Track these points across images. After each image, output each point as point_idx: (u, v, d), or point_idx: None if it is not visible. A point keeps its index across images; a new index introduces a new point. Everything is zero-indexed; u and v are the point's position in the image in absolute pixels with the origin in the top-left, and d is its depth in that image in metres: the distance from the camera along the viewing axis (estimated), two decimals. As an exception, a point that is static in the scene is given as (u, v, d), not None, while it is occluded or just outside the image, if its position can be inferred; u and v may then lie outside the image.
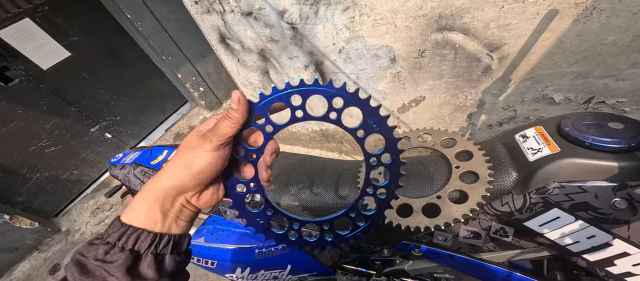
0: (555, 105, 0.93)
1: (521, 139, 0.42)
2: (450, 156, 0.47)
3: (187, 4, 1.23)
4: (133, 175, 0.67)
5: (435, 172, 0.47)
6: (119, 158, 0.74)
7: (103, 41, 2.14)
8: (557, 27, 0.74)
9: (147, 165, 0.67)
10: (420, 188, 0.47)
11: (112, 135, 2.38)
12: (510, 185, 0.40)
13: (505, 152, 0.42)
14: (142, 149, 0.75)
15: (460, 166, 0.44)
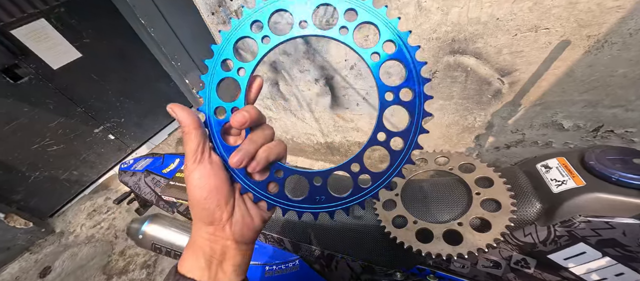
0: (564, 131, 0.94)
1: (543, 169, 0.42)
2: (470, 181, 0.47)
3: (204, 15, 1.26)
4: (144, 182, 0.66)
5: (454, 197, 0.47)
6: (130, 164, 0.74)
7: (114, 44, 2.17)
8: (568, 56, 0.76)
9: (158, 173, 0.67)
10: (439, 213, 0.46)
11: (115, 137, 2.38)
12: (533, 215, 0.39)
13: (527, 181, 0.42)
14: (153, 156, 0.74)
15: (480, 192, 0.44)
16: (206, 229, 0.29)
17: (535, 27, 0.74)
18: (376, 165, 1.62)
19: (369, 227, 0.51)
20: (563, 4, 0.67)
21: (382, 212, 0.49)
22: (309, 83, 1.32)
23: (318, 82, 1.28)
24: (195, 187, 0.28)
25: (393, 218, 0.47)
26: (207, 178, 0.28)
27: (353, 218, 0.53)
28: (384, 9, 0.26)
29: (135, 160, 0.75)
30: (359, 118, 1.37)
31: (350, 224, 0.53)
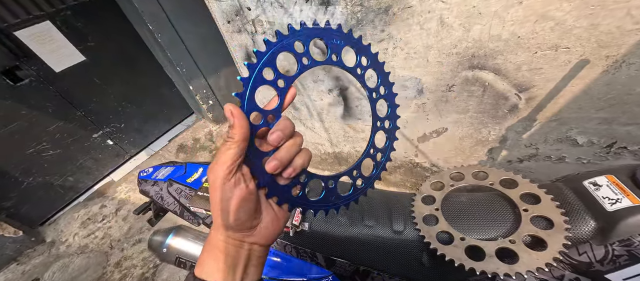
0: (578, 147, 0.96)
1: (592, 187, 0.42)
2: (514, 197, 0.47)
3: (219, 23, 1.26)
4: (167, 192, 0.64)
5: (499, 213, 0.47)
6: (149, 172, 0.71)
7: (118, 48, 2.14)
8: (586, 75, 0.78)
9: (182, 182, 0.64)
10: (485, 229, 0.46)
11: (113, 142, 2.32)
12: (587, 234, 0.39)
13: (576, 199, 0.42)
14: (174, 165, 0.72)
15: (528, 209, 0.44)
16: (233, 235, 0.29)
17: (555, 46, 0.76)
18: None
19: (409, 243, 0.50)
20: (585, 25, 0.70)
21: (424, 227, 0.48)
22: (322, 93, 1.32)
23: (332, 92, 1.29)
24: (227, 198, 0.28)
25: (437, 234, 0.46)
26: (240, 189, 0.28)
27: (392, 233, 0.52)
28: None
29: (155, 169, 0.73)
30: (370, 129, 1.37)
31: (389, 239, 0.51)
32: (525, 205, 0.45)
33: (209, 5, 1.22)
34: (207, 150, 2.49)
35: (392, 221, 0.53)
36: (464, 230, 0.46)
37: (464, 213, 0.49)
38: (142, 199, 2.12)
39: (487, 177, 0.52)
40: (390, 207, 0.56)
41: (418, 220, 0.50)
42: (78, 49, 1.88)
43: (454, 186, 0.54)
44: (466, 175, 0.55)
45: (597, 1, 0.66)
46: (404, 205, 0.56)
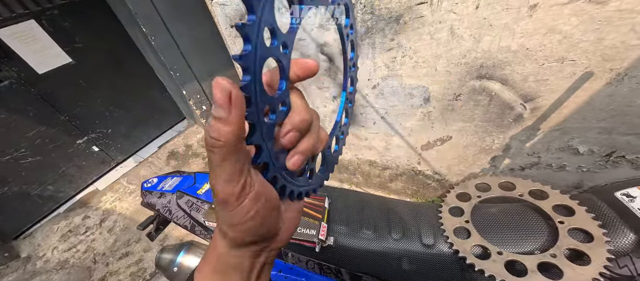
0: (579, 155, 0.99)
1: (626, 198, 0.42)
2: (547, 209, 0.46)
3: (221, 27, 1.23)
4: (175, 205, 0.59)
5: (532, 225, 0.46)
6: (154, 183, 0.66)
7: (108, 50, 2.05)
8: (590, 87, 0.81)
9: (193, 194, 0.60)
10: (521, 242, 0.45)
11: (99, 148, 2.19)
12: (627, 246, 0.39)
13: (611, 210, 0.42)
14: (181, 175, 0.67)
15: (564, 221, 0.43)
16: (250, 248, 0.25)
17: (562, 59, 0.78)
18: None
19: (441, 257, 0.48)
20: (591, 39, 0.72)
21: (456, 241, 0.47)
22: (326, 100, 1.31)
23: (336, 99, 1.27)
24: (246, 219, 0.22)
25: (471, 248, 0.45)
26: (262, 203, 0.22)
27: (422, 247, 0.50)
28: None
29: (160, 179, 0.68)
30: (374, 137, 1.37)
31: (419, 253, 0.50)
32: (560, 216, 0.44)
33: (211, 8, 1.19)
34: (200, 157, 2.40)
35: (421, 234, 0.51)
36: (499, 243, 0.45)
37: (496, 226, 0.48)
38: (130, 209, 2.01)
39: (515, 188, 0.52)
40: (418, 218, 0.54)
41: (449, 232, 0.48)
42: (64, 50, 1.78)
43: (482, 197, 0.53)
44: (492, 185, 0.55)
45: (603, 17, 0.68)
46: (430, 216, 0.54)
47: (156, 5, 1.83)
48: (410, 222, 0.54)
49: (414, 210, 0.57)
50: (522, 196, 0.50)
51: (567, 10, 0.71)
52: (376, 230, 0.52)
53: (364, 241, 0.52)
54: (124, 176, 2.31)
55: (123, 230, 1.88)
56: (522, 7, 0.74)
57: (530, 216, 0.47)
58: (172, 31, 2.00)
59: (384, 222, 0.54)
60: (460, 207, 0.52)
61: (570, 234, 0.42)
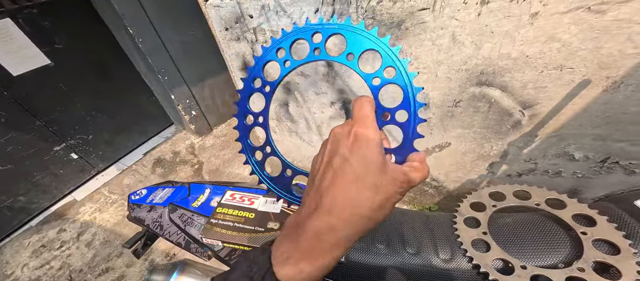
0: (575, 161, 1.00)
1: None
2: (567, 218, 0.45)
3: (215, 30, 1.18)
4: (168, 219, 0.54)
5: (554, 236, 0.44)
6: (143, 195, 0.60)
7: (91, 52, 1.95)
8: (587, 94, 0.82)
9: (187, 207, 0.55)
10: (543, 255, 0.43)
11: (78, 156, 2.06)
12: (656, 258, 0.37)
13: (633, 220, 0.41)
14: (173, 185, 0.62)
15: (587, 232, 0.42)
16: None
17: (561, 66, 0.79)
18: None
19: (460, 272, 0.45)
20: (589, 48, 0.74)
21: (475, 254, 0.44)
22: (324, 106, 1.28)
23: (334, 105, 1.25)
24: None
25: (493, 262, 0.42)
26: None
27: (440, 261, 0.47)
28: (386, 38, 0.30)
29: (150, 190, 0.62)
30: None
31: (437, 268, 0.46)
32: (582, 227, 0.43)
33: (205, 10, 1.15)
34: (188, 164, 2.30)
35: (437, 247, 0.48)
36: (521, 256, 0.43)
37: (516, 237, 0.46)
38: (111, 220, 1.88)
39: (531, 197, 0.50)
40: (431, 230, 0.51)
41: (467, 245, 0.45)
42: (43, 51, 1.67)
43: (497, 206, 0.51)
44: (507, 194, 0.53)
45: (601, 26, 0.70)
46: (444, 227, 0.51)
47: (145, 7, 1.77)
48: (424, 234, 0.51)
49: (426, 221, 0.54)
50: (539, 205, 0.48)
51: (567, 19, 0.72)
52: (389, 244, 0.49)
53: (378, 256, 0.48)
54: (106, 185, 2.18)
55: (103, 244, 1.75)
56: (524, 15, 0.75)
57: (551, 226, 0.45)
58: (161, 34, 1.93)
59: (397, 235, 0.50)
60: (475, 217, 0.50)
61: (595, 245, 0.40)
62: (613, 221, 0.42)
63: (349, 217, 0.23)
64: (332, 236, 0.23)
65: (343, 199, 0.23)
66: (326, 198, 0.23)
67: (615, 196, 0.46)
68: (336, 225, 0.23)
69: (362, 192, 0.23)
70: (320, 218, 0.23)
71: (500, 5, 0.74)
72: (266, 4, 1.00)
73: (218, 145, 2.43)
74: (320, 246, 0.23)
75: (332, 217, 0.23)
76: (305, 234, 0.23)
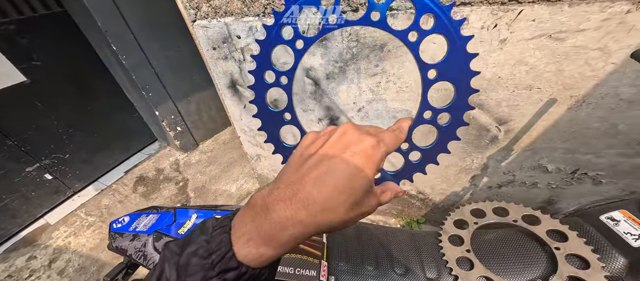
0: (548, 173, 1.07)
1: (610, 221, 0.44)
2: (541, 234, 0.48)
3: (203, 49, 1.19)
4: (152, 248, 0.52)
5: (531, 252, 0.47)
6: (126, 223, 0.58)
7: (71, 68, 1.89)
8: (555, 111, 0.89)
9: (173, 235, 0.53)
10: (523, 271, 0.45)
11: (53, 176, 1.95)
12: (620, 271, 0.41)
13: (599, 235, 0.45)
14: (158, 211, 0.60)
15: (560, 248, 0.45)
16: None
17: (529, 86, 0.86)
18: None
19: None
20: (553, 70, 0.81)
21: (461, 273, 0.46)
22: (311, 123, 1.30)
23: (321, 121, 1.27)
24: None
25: (477, 280, 0.44)
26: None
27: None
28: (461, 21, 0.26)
29: (133, 217, 0.60)
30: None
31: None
32: (555, 242, 0.45)
33: (192, 30, 1.16)
34: (173, 181, 2.23)
35: (423, 266, 0.49)
36: (502, 273, 0.45)
37: (496, 254, 0.48)
38: (88, 245, 1.77)
39: (509, 213, 0.53)
40: (418, 249, 0.52)
41: (452, 264, 0.47)
42: (19, 68, 1.60)
43: (478, 224, 0.54)
44: (487, 211, 0.55)
45: (562, 51, 0.77)
46: (430, 245, 0.53)
47: (129, 23, 1.75)
48: (411, 253, 0.52)
49: (413, 239, 0.55)
50: (516, 221, 0.51)
51: (532, 45, 0.78)
52: (378, 265, 0.50)
53: (367, 279, 0.49)
54: (82, 207, 2.06)
55: (78, 271, 1.63)
56: (494, 41, 0.81)
57: (528, 243, 0.48)
58: (146, 50, 1.91)
59: (385, 255, 0.51)
60: (459, 235, 0.52)
61: (568, 260, 0.43)
62: (582, 236, 0.45)
63: (320, 220, 0.22)
64: (297, 230, 0.22)
65: (324, 201, 0.22)
66: (307, 190, 0.22)
67: (583, 211, 0.50)
68: (305, 222, 0.22)
69: (344, 204, 0.22)
70: (292, 209, 0.22)
71: (473, 31, 0.80)
72: (253, 26, 1.02)
73: (204, 161, 2.37)
74: (281, 236, 0.22)
75: (305, 213, 0.22)
76: (271, 220, 0.22)
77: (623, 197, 0.99)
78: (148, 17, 1.82)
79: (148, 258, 0.52)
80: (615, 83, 0.78)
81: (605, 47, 0.73)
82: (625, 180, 0.98)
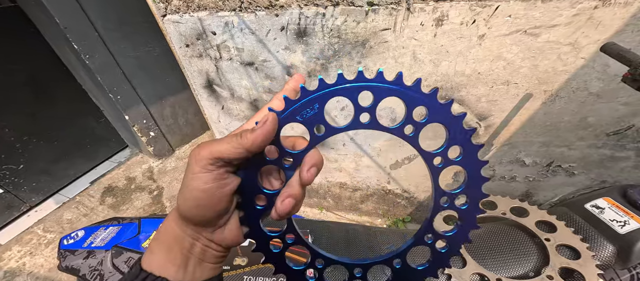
0: (526, 167, 1.10)
1: (595, 210, 0.44)
2: (530, 226, 0.47)
3: (175, 46, 1.11)
4: (111, 265, 0.45)
5: (522, 245, 0.46)
6: (79, 238, 0.50)
7: (26, 71, 1.70)
8: (530, 106, 0.92)
9: (136, 249, 0.46)
10: (515, 265, 0.44)
11: (5, 189, 1.74)
12: (609, 259, 0.40)
13: (586, 224, 0.44)
14: (119, 222, 0.53)
15: (550, 239, 0.44)
16: (193, 227, 0.26)
17: (507, 82, 0.88)
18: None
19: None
20: (528, 65, 0.83)
21: (453, 271, 0.43)
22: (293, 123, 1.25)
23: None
24: (199, 189, 0.23)
25: (470, 277, 0.42)
26: (216, 186, 0.24)
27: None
28: (450, 103, 0.25)
29: (89, 232, 0.51)
30: (344, 158, 1.35)
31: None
32: (545, 234, 0.45)
33: (163, 26, 1.07)
34: (146, 191, 2.07)
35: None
36: (495, 268, 0.43)
37: (488, 249, 0.46)
38: (46, 265, 1.59)
39: (497, 206, 0.52)
40: (408, 249, 0.50)
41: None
42: (-42, 69, 1.41)
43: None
44: (475, 205, 0.54)
45: (536, 47, 0.79)
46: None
47: (92, 20, 1.61)
48: (401, 254, 0.49)
49: (403, 239, 0.52)
50: (505, 214, 0.50)
51: (509, 40, 0.80)
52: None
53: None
54: (40, 222, 1.85)
55: (33, 296, 1.45)
56: (473, 37, 0.82)
57: (518, 236, 0.47)
58: (112, 49, 1.77)
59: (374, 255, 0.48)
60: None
61: (558, 251, 0.42)
62: (570, 226, 0.44)
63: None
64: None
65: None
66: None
67: (568, 200, 0.50)
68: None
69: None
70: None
71: (452, 27, 0.81)
72: (230, 21, 0.97)
73: (181, 168, 2.24)
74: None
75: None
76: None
77: (595, 186, 1.04)
78: (115, 12, 1.69)
79: (105, 277, 0.45)
80: (585, 77, 0.82)
81: (576, 42, 0.76)
82: (596, 170, 1.03)
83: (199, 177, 0.23)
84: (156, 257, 0.26)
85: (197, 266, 0.27)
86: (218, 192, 0.24)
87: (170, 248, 0.26)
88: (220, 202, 0.24)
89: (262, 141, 0.23)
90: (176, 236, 0.26)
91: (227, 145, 0.23)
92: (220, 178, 0.24)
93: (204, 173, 0.23)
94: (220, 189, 0.24)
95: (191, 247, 0.26)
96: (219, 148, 0.23)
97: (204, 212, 0.25)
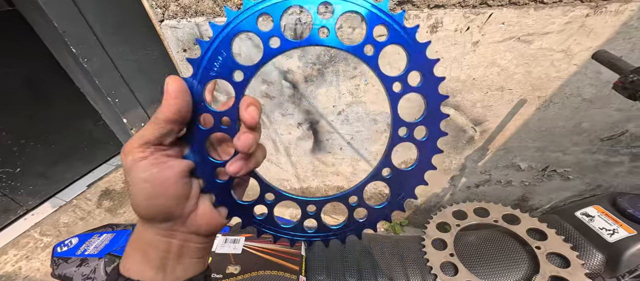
0: (521, 171, 1.11)
1: (585, 218, 0.45)
2: (522, 234, 0.47)
3: (172, 51, 1.12)
4: (103, 273, 0.45)
5: (513, 253, 0.46)
6: (72, 246, 0.50)
7: (23, 74, 1.70)
8: (525, 111, 0.93)
9: (129, 256, 0.47)
10: (506, 273, 0.44)
11: (1, 193, 1.73)
12: (598, 267, 0.41)
13: (576, 232, 0.45)
14: (113, 229, 0.53)
15: (540, 247, 0.44)
16: (160, 225, 0.25)
17: (501, 88, 0.89)
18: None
19: (431, 299, 0.44)
20: (522, 72, 0.84)
21: (445, 279, 0.44)
22: (291, 127, 1.26)
23: (301, 126, 1.23)
24: (141, 180, 0.22)
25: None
26: (161, 169, 0.23)
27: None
28: (415, 29, 0.24)
29: (83, 239, 0.52)
30: (341, 162, 1.35)
31: (409, 298, 0.45)
32: (536, 241, 0.45)
33: (160, 31, 1.08)
34: (144, 194, 2.06)
35: (408, 274, 0.47)
36: (486, 276, 0.43)
37: (480, 256, 0.47)
38: (42, 269, 1.57)
39: (489, 214, 0.52)
40: (401, 255, 0.50)
41: (436, 270, 0.45)
42: (-45, 73, 1.41)
43: (460, 226, 0.52)
44: (468, 212, 0.54)
45: (529, 54, 0.80)
46: (413, 251, 0.51)
47: (91, 24, 1.62)
48: (394, 261, 0.49)
49: (396, 246, 0.53)
50: (497, 222, 0.51)
51: (502, 47, 0.81)
52: (361, 276, 0.46)
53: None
54: (37, 226, 1.84)
55: (28, 301, 1.44)
56: (467, 43, 0.83)
57: (509, 243, 0.47)
58: (111, 53, 1.77)
59: (368, 265, 0.48)
60: (442, 238, 0.50)
61: (549, 259, 0.43)
62: (560, 234, 0.45)
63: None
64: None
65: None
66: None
67: (559, 208, 0.50)
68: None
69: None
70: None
71: (447, 34, 0.81)
72: (227, 27, 0.97)
73: (179, 171, 2.23)
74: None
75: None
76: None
77: (590, 191, 1.04)
78: (113, 16, 1.70)
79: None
80: (578, 83, 0.82)
81: (568, 49, 0.76)
82: (591, 175, 1.03)
83: (135, 167, 0.22)
84: (133, 261, 0.25)
85: (177, 265, 0.26)
86: (161, 176, 0.23)
87: (145, 252, 0.25)
88: (170, 187, 0.23)
89: (174, 105, 0.22)
90: (149, 241, 0.25)
91: (147, 126, 0.23)
92: (158, 163, 0.23)
93: (139, 162, 0.22)
94: (163, 173, 0.23)
95: (168, 247, 0.25)
96: (141, 132, 0.23)
97: (158, 202, 0.23)
